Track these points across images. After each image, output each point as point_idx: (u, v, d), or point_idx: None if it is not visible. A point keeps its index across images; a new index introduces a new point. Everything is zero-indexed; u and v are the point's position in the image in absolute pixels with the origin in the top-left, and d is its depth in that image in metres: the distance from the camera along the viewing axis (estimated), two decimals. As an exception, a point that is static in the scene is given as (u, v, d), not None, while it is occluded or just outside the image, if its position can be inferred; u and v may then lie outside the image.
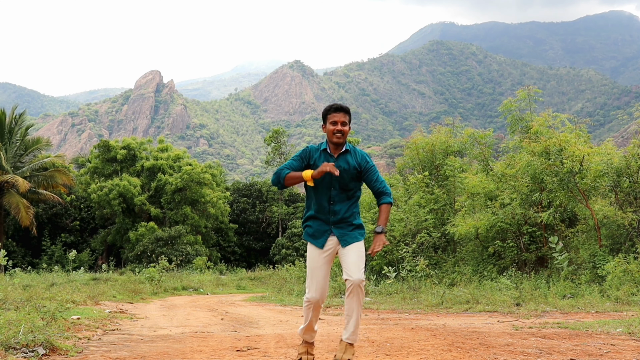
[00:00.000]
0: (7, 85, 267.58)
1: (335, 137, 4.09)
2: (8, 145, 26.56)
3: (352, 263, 4.02)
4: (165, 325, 7.83)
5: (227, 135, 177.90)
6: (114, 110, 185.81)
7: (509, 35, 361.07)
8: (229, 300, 14.39)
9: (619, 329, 5.94)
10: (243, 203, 38.00)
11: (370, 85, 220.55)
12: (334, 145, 4.16)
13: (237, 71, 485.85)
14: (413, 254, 14.35)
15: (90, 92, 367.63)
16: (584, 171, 11.62)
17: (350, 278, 3.99)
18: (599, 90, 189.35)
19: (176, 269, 23.06)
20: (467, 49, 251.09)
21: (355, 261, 4.02)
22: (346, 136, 4.13)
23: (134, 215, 33.06)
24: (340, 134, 4.09)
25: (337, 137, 4.09)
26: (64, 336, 5.67)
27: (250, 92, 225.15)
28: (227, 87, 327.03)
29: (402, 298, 11.45)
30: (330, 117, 4.12)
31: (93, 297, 11.67)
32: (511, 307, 8.93)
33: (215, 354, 4.95)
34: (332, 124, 4.10)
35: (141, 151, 35.53)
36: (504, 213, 12.67)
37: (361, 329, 6.84)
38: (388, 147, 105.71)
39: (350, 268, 4.00)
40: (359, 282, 3.97)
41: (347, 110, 4.14)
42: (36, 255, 31.88)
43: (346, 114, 4.12)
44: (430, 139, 16.86)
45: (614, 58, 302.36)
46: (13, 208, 25.28)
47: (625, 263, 9.84)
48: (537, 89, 14.20)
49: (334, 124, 4.10)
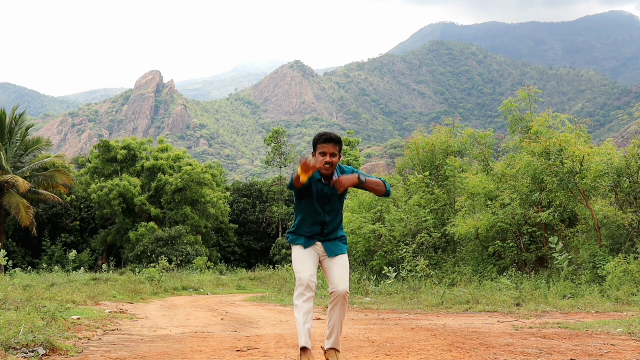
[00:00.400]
0: (7, 85, 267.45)
1: (324, 169, 4.06)
2: (8, 145, 26.56)
3: (338, 275, 4.09)
4: (165, 325, 7.83)
5: (227, 135, 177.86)
6: (114, 110, 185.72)
7: (509, 35, 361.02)
8: (229, 300, 14.40)
9: (619, 329, 5.94)
10: (243, 203, 38.01)
11: (370, 85, 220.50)
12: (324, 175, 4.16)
13: (237, 71, 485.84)
14: (413, 254, 14.36)
15: (90, 92, 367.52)
16: (584, 171, 11.62)
17: (336, 290, 4.05)
18: (599, 90, 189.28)
19: (176, 269, 23.06)
20: (467, 49, 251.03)
21: (340, 273, 4.10)
22: (335, 166, 4.10)
23: (134, 215, 33.07)
24: (329, 166, 4.06)
25: (325, 168, 4.06)
26: (64, 336, 5.67)
27: (250, 92, 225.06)
28: (227, 87, 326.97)
29: (402, 298, 11.45)
30: (320, 147, 4.06)
31: (93, 297, 11.67)
32: (511, 307, 8.93)
33: (215, 354, 4.95)
34: (321, 154, 4.06)
35: (141, 151, 35.54)
36: (504, 213, 12.67)
37: (358, 329, 6.84)
38: (388, 147, 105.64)
39: (336, 280, 4.08)
40: (344, 293, 4.05)
41: (337, 140, 4.07)
42: (36, 255, 31.89)
43: (336, 144, 4.05)
44: (430, 139, 16.86)
45: (614, 58, 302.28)
46: (13, 208, 25.28)
47: (625, 263, 9.84)
48: (537, 89, 14.21)
49: (322, 154, 4.05)
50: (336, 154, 4.05)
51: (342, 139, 4.50)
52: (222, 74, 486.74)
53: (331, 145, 4.03)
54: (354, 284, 13.75)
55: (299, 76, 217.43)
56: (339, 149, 4.07)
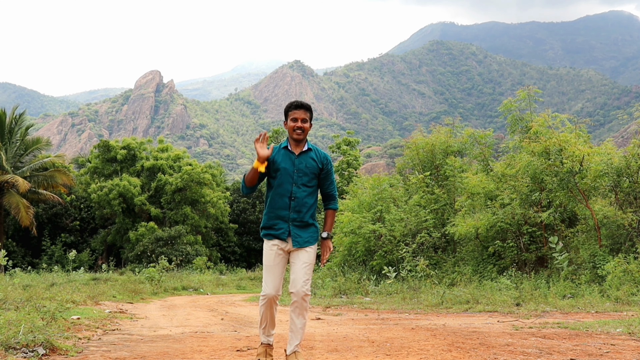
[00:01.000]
0: (7, 85, 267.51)
1: (296, 134, 4.15)
2: (8, 145, 26.56)
3: (300, 275, 4.07)
4: (165, 325, 7.83)
5: (227, 135, 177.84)
6: (114, 110, 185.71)
7: (509, 35, 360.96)
8: (229, 300, 14.40)
9: (619, 329, 5.94)
10: (243, 203, 38.01)
11: (370, 85, 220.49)
12: (295, 143, 4.20)
13: (237, 71, 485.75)
14: (413, 254, 14.35)
15: (90, 92, 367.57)
16: (584, 171, 11.62)
17: (294, 290, 4.05)
18: (599, 90, 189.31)
19: (176, 269, 23.06)
20: (467, 49, 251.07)
21: (302, 272, 4.07)
22: (306, 133, 4.18)
23: (134, 215, 33.06)
24: (300, 131, 4.14)
25: (297, 133, 4.14)
26: (64, 336, 5.67)
27: (250, 92, 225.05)
28: (227, 87, 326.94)
29: (402, 298, 11.45)
30: (291, 113, 4.17)
31: (93, 297, 11.67)
32: (511, 307, 8.93)
33: (215, 354, 4.95)
34: (293, 120, 4.15)
35: (141, 151, 35.52)
36: (504, 213, 12.67)
37: (358, 329, 6.84)
38: (388, 147, 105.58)
39: (297, 280, 4.06)
40: (303, 294, 4.03)
41: (308, 108, 4.20)
42: (36, 255, 31.88)
43: (307, 111, 4.17)
44: (430, 139, 16.85)
45: (614, 58, 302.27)
46: (13, 208, 25.28)
47: (625, 263, 9.84)
48: (537, 89, 14.20)
49: (294, 120, 4.15)
50: (307, 120, 4.17)
51: (342, 139, 4.55)
52: (222, 74, 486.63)
53: (302, 111, 4.16)
54: (354, 284, 13.74)
55: (299, 76, 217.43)
56: (310, 116, 4.20)
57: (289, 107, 4.19)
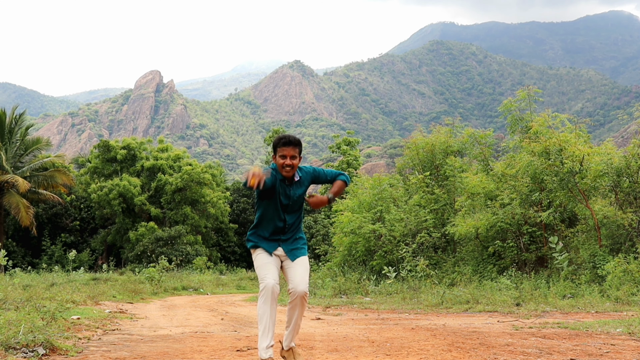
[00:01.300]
0: (7, 85, 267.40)
1: (285, 171, 4.13)
2: (8, 145, 26.56)
3: (299, 275, 4.18)
4: (165, 325, 7.83)
5: (227, 135, 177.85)
6: (114, 110, 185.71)
7: (509, 35, 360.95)
8: (229, 300, 14.39)
9: (619, 329, 5.94)
10: (243, 203, 38.00)
11: (370, 85, 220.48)
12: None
13: (237, 71, 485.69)
14: (413, 254, 14.35)
15: (90, 92, 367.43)
16: (584, 171, 11.62)
17: (295, 290, 4.14)
18: (599, 90, 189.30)
19: (176, 269, 23.05)
20: (467, 49, 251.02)
21: (301, 274, 4.19)
22: (295, 168, 4.17)
23: (134, 215, 33.05)
24: (289, 168, 4.12)
25: (286, 170, 4.13)
26: (64, 336, 5.67)
27: (250, 92, 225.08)
28: (227, 87, 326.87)
29: (402, 298, 11.45)
30: (280, 150, 4.12)
31: (93, 297, 11.67)
32: (511, 307, 8.94)
33: (215, 354, 4.96)
34: (282, 157, 4.12)
35: (141, 151, 35.52)
36: (504, 213, 12.67)
37: (358, 329, 6.84)
38: (388, 147, 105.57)
39: (296, 280, 4.16)
40: (303, 294, 4.14)
41: (297, 143, 4.13)
42: (36, 255, 31.87)
43: (295, 147, 4.12)
44: (430, 139, 16.85)
45: (614, 58, 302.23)
46: (13, 208, 25.28)
47: (625, 263, 9.84)
48: (537, 89, 14.20)
49: (283, 157, 4.12)
50: (296, 156, 4.13)
51: (342, 139, 4.57)
52: (222, 74, 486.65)
53: (290, 148, 4.11)
54: (354, 284, 13.75)
55: (299, 76, 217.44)
56: (299, 151, 4.15)
57: (277, 142, 4.13)
